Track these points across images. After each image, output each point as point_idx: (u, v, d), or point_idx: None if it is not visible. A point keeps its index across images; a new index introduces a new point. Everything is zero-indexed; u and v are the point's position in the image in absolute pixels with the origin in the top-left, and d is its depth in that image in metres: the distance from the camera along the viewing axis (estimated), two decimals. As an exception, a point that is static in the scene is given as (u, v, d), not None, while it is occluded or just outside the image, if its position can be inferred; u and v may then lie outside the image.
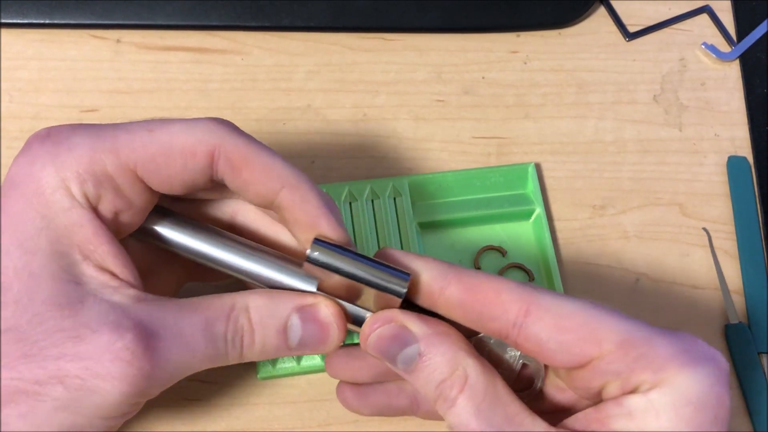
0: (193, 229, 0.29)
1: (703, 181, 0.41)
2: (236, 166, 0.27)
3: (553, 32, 0.44)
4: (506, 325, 0.25)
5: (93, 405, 0.24)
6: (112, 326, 0.24)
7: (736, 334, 0.37)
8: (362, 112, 0.41)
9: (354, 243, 0.37)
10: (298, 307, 0.27)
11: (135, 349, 0.24)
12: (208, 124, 0.27)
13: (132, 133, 0.26)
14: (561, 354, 0.25)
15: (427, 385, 0.26)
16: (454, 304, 0.26)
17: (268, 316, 0.27)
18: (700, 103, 0.43)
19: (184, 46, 0.42)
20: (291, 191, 0.27)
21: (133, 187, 0.27)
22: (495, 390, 0.25)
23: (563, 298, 0.26)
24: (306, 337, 0.27)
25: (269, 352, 0.27)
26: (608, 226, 0.40)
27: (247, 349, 0.27)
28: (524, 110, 0.42)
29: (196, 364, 0.26)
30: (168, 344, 0.25)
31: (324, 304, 0.28)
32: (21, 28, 0.41)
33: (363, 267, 0.26)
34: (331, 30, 0.43)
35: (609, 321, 0.25)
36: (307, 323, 0.27)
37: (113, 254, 0.26)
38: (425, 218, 0.38)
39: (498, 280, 0.26)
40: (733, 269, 0.39)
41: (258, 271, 0.28)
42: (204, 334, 0.26)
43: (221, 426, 0.34)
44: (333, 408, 0.34)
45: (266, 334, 0.27)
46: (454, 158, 0.41)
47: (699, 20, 0.46)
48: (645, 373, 0.24)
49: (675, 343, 0.24)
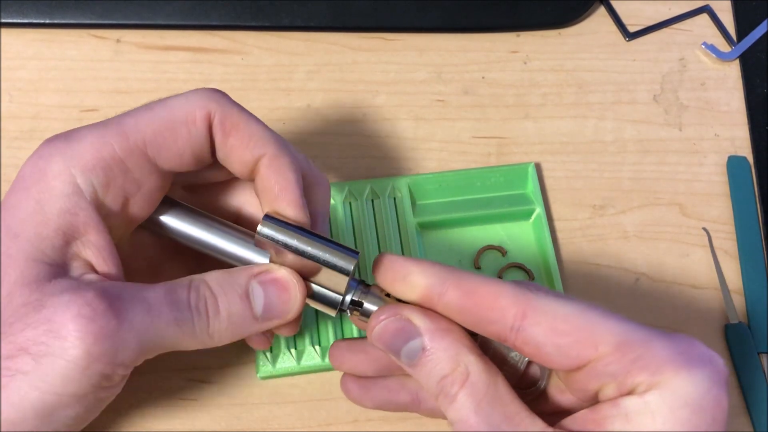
0: (199, 220, 0.30)
1: (703, 181, 0.41)
2: (226, 131, 0.28)
3: (553, 32, 0.44)
4: (504, 329, 0.25)
5: (60, 373, 0.24)
6: (73, 290, 0.25)
7: (736, 334, 0.37)
8: (362, 112, 0.41)
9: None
10: (254, 274, 0.28)
11: (96, 306, 0.24)
12: (204, 92, 0.28)
13: (136, 116, 0.27)
14: (558, 357, 0.25)
15: (429, 379, 0.26)
16: (453, 310, 0.26)
17: (227, 285, 0.27)
18: (700, 103, 0.43)
19: (184, 46, 0.42)
20: (269, 160, 0.28)
21: (143, 168, 0.27)
22: (496, 388, 0.26)
23: (560, 300, 0.26)
24: (270, 302, 0.28)
25: (237, 322, 0.28)
26: (608, 226, 0.40)
27: (214, 318, 0.27)
28: (524, 110, 0.42)
29: (163, 329, 0.26)
30: (130, 305, 0.25)
31: (279, 267, 0.28)
32: (21, 28, 0.41)
33: (311, 244, 0.27)
34: (331, 30, 0.43)
35: (606, 323, 0.25)
36: (267, 286, 0.28)
37: (98, 246, 0.26)
38: (425, 218, 0.38)
39: (496, 284, 0.26)
40: (733, 269, 0.39)
41: (260, 260, 0.29)
42: (166, 298, 0.26)
43: (221, 426, 0.34)
44: (333, 408, 0.35)
45: (230, 301, 0.27)
46: (454, 158, 0.41)
47: (699, 20, 0.46)
48: (641, 374, 0.24)
49: (672, 345, 0.24)
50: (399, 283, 0.27)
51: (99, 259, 0.27)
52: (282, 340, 0.35)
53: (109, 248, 0.27)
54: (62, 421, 0.25)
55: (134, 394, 0.34)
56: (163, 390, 0.34)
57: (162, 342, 0.26)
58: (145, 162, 0.27)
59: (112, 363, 0.25)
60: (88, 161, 0.26)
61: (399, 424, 0.34)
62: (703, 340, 0.37)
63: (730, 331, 0.37)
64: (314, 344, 0.35)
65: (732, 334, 0.37)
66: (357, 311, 0.28)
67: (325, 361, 0.34)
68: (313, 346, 0.35)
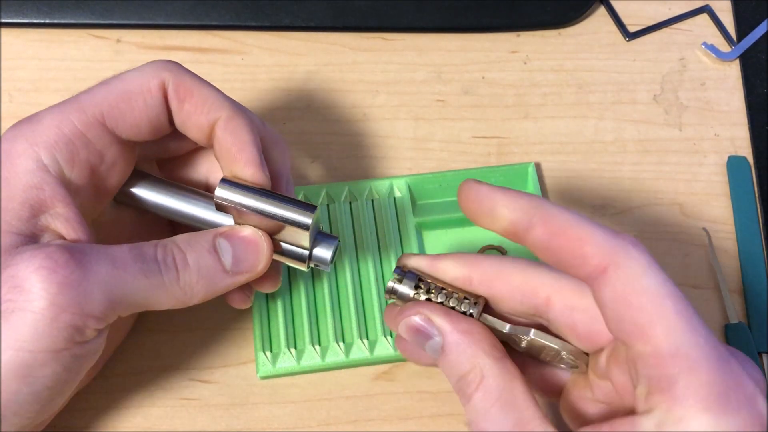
0: (168, 189, 0.31)
1: (703, 181, 0.41)
2: (181, 98, 0.29)
3: (553, 32, 0.44)
4: (582, 276, 0.25)
5: (30, 327, 0.24)
6: (36, 248, 0.25)
7: (736, 334, 0.37)
8: (362, 112, 0.41)
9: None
10: (220, 232, 0.29)
11: (58, 257, 0.25)
12: (158, 63, 0.29)
13: (92, 92, 0.29)
14: (611, 324, 0.24)
15: (450, 376, 0.27)
16: (538, 248, 0.26)
17: (194, 241, 0.28)
18: (700, 103, 0.43)
19: (184, 45, 0.42)
20: (225, 122, 0.29)
21: (104, 139, 0.28)
22: (511, 393, 0.25)
23: (647, 271, 0.23)
24: (238, 255, 0.29)
25: (208, 275, 0.28)
26: (608, 225, 0.40)
27: (183, 271, 0.28)
28: (524, 110, 0.42)
29: (130, 280, 0.26)
30: (94, 258, 0.26)
31: (244, 226, 0.29)
32: (21, 28, 0.41)
33: (268, 202, 0.28)
34: (331, 30, 0.43)
35: (674, 322, 0.23)
36: (234, 240, 0.29)
37: (67, 217, 0.27)
38: (425, 218, 0.38)
39: (586, 227, 0.25)
40: (733, 269, 0.39)
41: (228, 222, 0.30)
42: (131, 252, 0.27)
43: (221, 426, 0.34)
44: (333, 408, 0.35)
45: (198, 255, 0.28)
46: (454, 158, 0.41)
47: (699, 20, 0.46)
48: (668, 400, 0.22)
49: (716, 376, 0.22)
50: (484, 217, 0.27)
51: (69, 229, 0.27)
52: (282, 340, 0.35)
53: (77, 219, 0.27)
54: (42, 382, 0.25)
55: (134, 394, 0.34)
56: (164, 390, 0.34)
57: (132, 295, 0.27)
58: (104, 133, 0.28)
59: (81, 314, 0.25)
60: (50, 138, 0.27)
61: (399, 424, 0.34)
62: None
63: (730, 331, 0.37)
64: (314, 344, 0.35)
65: (732, 334, 0.37)
66: (393, 297, 0.29)
67: (325, 361, 0.34)
68: (313, 346, 0.35)
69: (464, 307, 0.28)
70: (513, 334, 0.28)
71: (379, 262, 0.37)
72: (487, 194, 0.26)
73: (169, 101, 0.29)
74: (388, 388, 0.35)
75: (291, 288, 0.36)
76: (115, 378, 0.34)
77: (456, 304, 0.28)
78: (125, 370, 0.34)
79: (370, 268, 0.36)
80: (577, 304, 0.27)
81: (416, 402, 0.35)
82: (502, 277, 0.28)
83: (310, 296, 0.36)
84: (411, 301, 0.28)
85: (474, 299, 0.28)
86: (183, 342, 0.35)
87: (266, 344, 0.35)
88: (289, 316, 0.35)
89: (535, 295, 0.27)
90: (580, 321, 0.27)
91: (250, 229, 0.29)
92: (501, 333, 0.28)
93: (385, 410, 0.35)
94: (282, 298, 0.35)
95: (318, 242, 0.30)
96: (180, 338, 0.35)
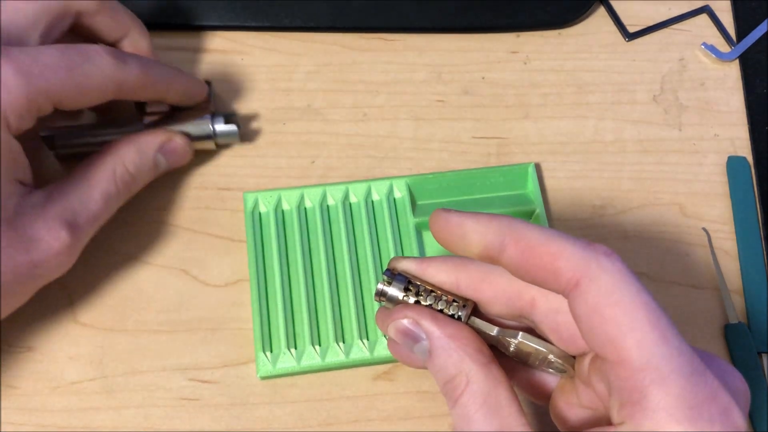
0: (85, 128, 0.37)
1: (703, 181, 0.41)
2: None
3: (553, 32, 0.44)
4: (558, 290, 0.25)
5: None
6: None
7: (735, 334, 0.37)
8: (362, 112, 0.41)
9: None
10: (159, 148, 0.35)
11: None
12: None
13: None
14: (586, 337, 0.24)
15: (438, 380, 0.27)
16: (513, 267, 0.26)
17: (140, 164, 0.35)
18: (700, 103, 0.43)
19: (184, 46, 0.42)
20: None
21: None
22: (496, 399, 0.25)
23: (621, 281, 0.23)
24: (171, 163, 0.36)
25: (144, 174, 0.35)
26: (608, 226, 0.40)
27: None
28: (524, 110, 0.42)
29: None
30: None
31: (173, 135, 0.36)
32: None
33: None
34: (331, 30, 0.43)
35: (644, 333, 0.22)
36: (169, 155, 0.36)
37: (26, 166, 0.31)
38: (425, 218, 0.38)
39: (557, 242, 0.24)
40: (733, 269, 0.39)
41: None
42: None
43: (221, 426, 0.34)
44: (333, 408, 0.35)
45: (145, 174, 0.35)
46: (454, 158, 0.41)
47: (699, 20, 0.46)
48: (636, 411, 0.22)
49: (687, 387, 0.22)
50: (457, 245, 0.27)
51: (28, 176, 0.31)
52: (282, 340, 0.35)
53: (26, 162, 0.31)
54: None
55: (134, 394, 0.34)
56: (164, 390, 0.34)
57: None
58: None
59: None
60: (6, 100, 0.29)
61: (399, 424, 0.34)
62: (702, 340, 0.37)
63: (730, 331, 0.37)
64: (314, 344, 0.35)
65: (732, 334, 0.37)
66: (383, 299, 0.29)
67: (325, 361, 0.34)
68: (313, 346, 0.35)
69: (453, 310, 0.28)
70: (501, 338, 0.28)
71: (379, 262, 0.37)
72: (457, 222, 0.26)
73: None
74: (388, 388, 0.35)
75: (291, 288, 0.36)
76: (115, 378, 0.34)
77: (445, 307, 0.28)
78: (125, 370, 0.34)
79: (370, 269, 0.36)
80: (560, 307, 0.26)
81: (416, 402, 0.35)
82: (488, 280, 0.28)
83: (310, 296, 0.36)
84: (400, 303, 0.28)
85: (462, 302, 0.28)
86: (183, 342, 0.35)
87: (266, 344, 0.35)
88: (289, 316, 0.35)
89: (519, 298, 0.27)
90: (563, 324, 0.27)
91: (179, 140, 0.36)
92: (489, 336, 0.28)
93: (385, 410, 0.35)
94: (282, 299, 0.35)
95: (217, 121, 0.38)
96: (180, 338, 0.35)
